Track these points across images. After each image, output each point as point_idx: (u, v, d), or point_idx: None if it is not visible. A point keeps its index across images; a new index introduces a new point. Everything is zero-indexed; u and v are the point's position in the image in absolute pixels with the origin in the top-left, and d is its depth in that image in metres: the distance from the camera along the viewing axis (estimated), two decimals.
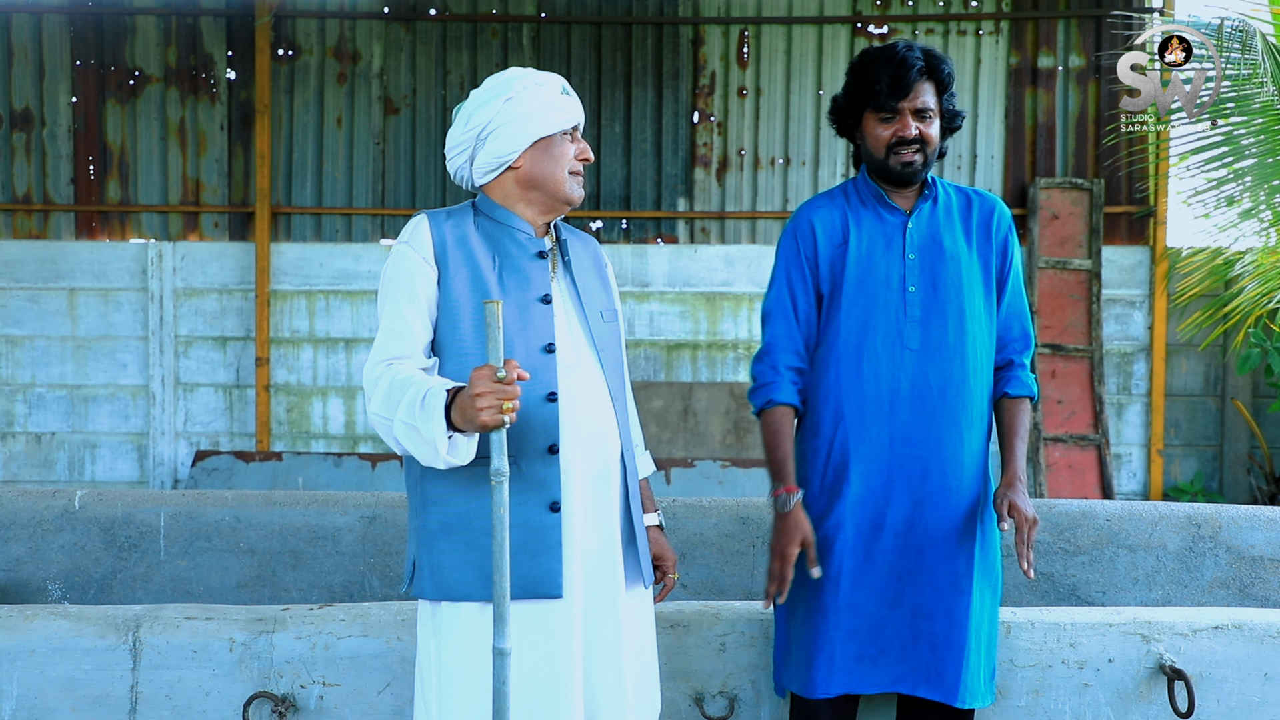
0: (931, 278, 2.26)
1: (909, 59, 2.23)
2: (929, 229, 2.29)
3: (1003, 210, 2.36)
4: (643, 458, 2.22)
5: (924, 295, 2.26)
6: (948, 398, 2.23)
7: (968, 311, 2.26)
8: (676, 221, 7.13)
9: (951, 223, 2.32)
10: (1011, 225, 2.36)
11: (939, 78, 2.26)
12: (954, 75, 2.29)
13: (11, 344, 7.03)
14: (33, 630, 2.38)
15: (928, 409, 2.22)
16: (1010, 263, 2.35)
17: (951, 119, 2.32)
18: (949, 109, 2.30)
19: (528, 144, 2.01)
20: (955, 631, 2.19)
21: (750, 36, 7.07)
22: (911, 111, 2.25)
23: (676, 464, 6.36)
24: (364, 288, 7.00)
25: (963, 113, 2.35)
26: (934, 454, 2.22)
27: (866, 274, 2.27)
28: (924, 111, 2.25)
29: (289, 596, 3.18)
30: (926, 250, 2.28)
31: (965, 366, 2.25)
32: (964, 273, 2.27)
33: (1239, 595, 3.17)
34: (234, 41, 7.06)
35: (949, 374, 2.24)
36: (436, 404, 1.78)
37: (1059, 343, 6.85)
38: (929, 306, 2.25)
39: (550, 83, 2.05)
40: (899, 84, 2.23)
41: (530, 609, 1.90)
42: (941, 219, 2.31)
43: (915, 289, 2.26)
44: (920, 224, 2.30)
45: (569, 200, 2.05)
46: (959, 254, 2.28)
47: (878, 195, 2.31)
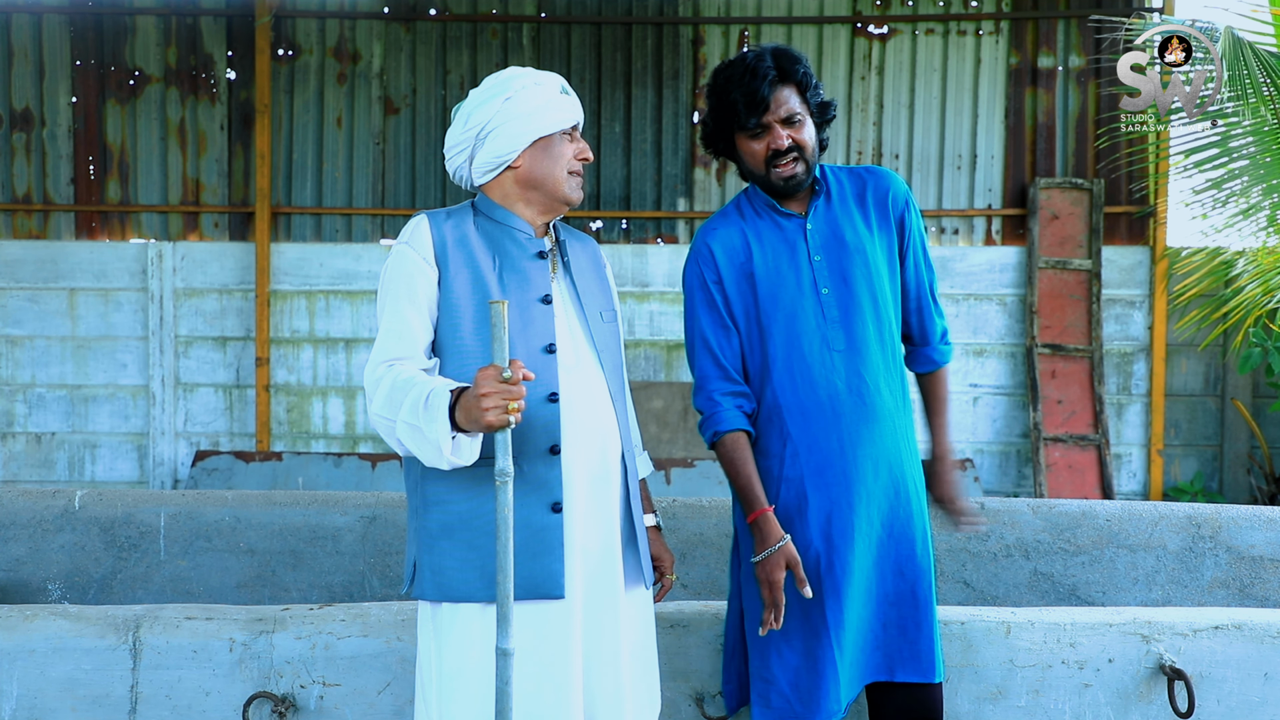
0: (841, 275, 2.25)
1: (759, 70, 2.19)
2: (828, 225, 2.28)
3: (897, 184, 2.33)
4: (641, 458, 2.22)
5: (838, 294, 2.25)
6: (882, 389, 2.24)
7: (880, 300, 2.26)
8: (676, 221, 7.13)
9: (849, 212, 2.30)
10: (909, 196, 2.34)
11: (796, 79, 2.21)
12: (810, 71, 2.25)
13: (11, 344, 7.03)
14: (33, 630, 2.38)
15: (868, 405, 2.22)
16: (911, 236, 2.32)
17: (822, 113, 2.27)
18: (816, 104, 2.25)
19: (527, 144, 2.01)
20: (922, 612, 2.21)
21: (750, 37, 7.07)
22: (778, 122, 2.21)
23: (676, 464, 6.36)
24: (364, 288, 7.00)
25: (832, 103, 2.29)
26: (881, 448, 2.23)
27: (778, 285, 2.25)
28: (791, 118, 2.21)
29: (289, 596, 3.18)
30: (830, 248, 2.26)
31: (891, 354, 2.27)
32: (870, 262, 2.26)
33: (1239, 595, 3.17)
34: (234, 41, 7.06)
35: (879, 366, 2.25)
36: (440, 404, 1.77)
37: (1059, 343, 6.85)
38: (845, 304, 2.24)
39: (549, 82, 2.04)
40: (754, 100, 2.19)
41: (531, 609, 1.90)
42: (839, 211, 2.30)
43: (828, 290, 2.25)
44: (819, 223, 2.28)
45: (568, 200, 2.04)
46: (862, 244, 2.27)
47: (770, 205, 2.30)
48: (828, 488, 2.21)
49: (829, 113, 2.28)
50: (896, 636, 2.21)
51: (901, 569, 2.22)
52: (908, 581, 2.22)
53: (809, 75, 2.24)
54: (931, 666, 2.20)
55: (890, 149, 7.08)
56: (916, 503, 2.26)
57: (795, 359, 2.23)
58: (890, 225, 2.31)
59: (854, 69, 7.07)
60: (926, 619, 2.22)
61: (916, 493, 2.27)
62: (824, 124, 2.28)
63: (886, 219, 2.31)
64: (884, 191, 2.32)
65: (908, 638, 2.21)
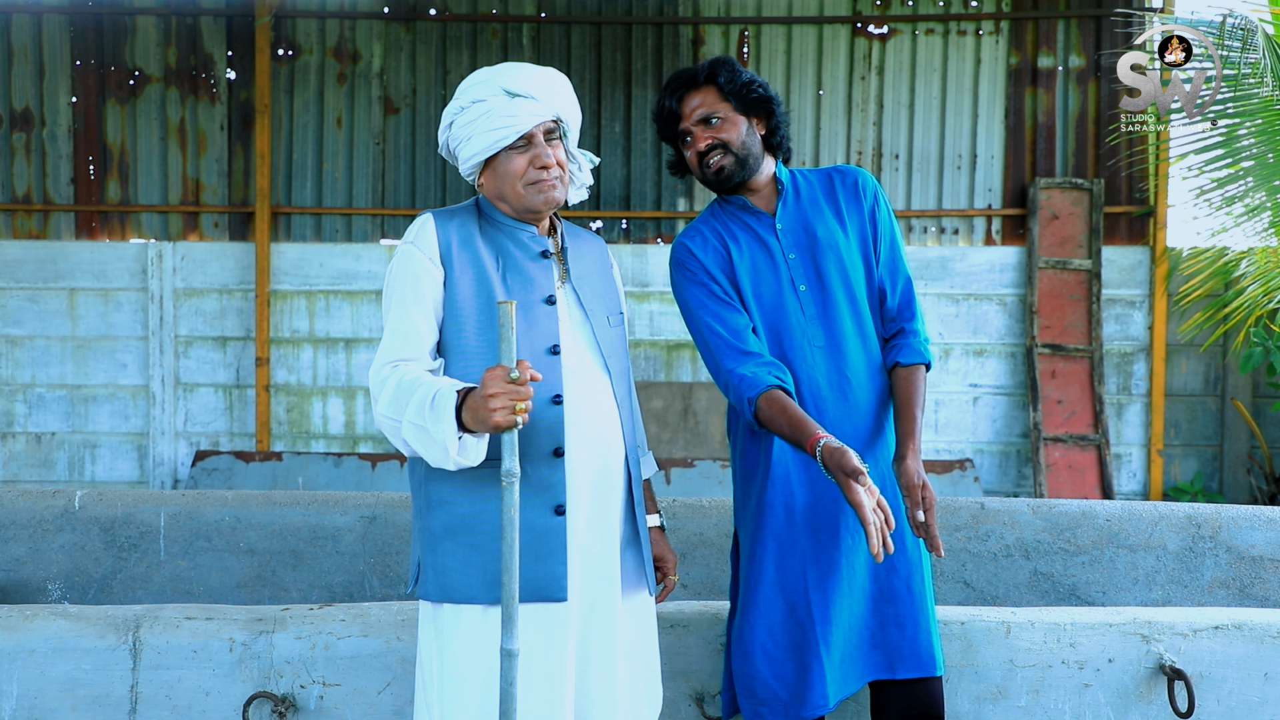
0: (816, 271, 2.27)
1: (668, 86, 2.28)
2: (798, 223, 2.30)
3: (865, 178, 2.36)
4: (646, 459, 2.22)
5: (814, 291, 2.27)
6: (863, 384, 2.25)
7: (857, 294, 2.28)
8: (676, 221, 7.13)
9: (819, 209, 2.32)
10: (878, 189, 2.36)
11: (715, 81, 2.25)
12: (738, 72, 2.26)
13: (11, 344, 7.03)
14: (33, 630, 2.38)
15: (850, 400, 2.24)
16: (880, 228, 2.33)
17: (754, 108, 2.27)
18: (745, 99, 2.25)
19: (478, 166, 2.01)
20: (917, 607, 2.22)
21: (750, 36, 7.07)
22: (695, 125, 2.26)
23: (676, 464, 6.36)
24: (364, 288, 7.00)
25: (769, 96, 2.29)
26: (863, 442, 2.24)
27: (759, 283, 2.28)
28: (708, 118, 2.25)
29: (289, 596, 3.18)
30: (802, 245, 2.29)
31: (869, 348, 2.27)
32: (844, 256, 2.28)
33: (1239, 595, 3.17)
34: (234, 41, 7.06)
35: (859, 360, 2.26)
36: (447, 405, 1.77)
37: (1059, 343, 6.85)
38: (821, 301, 2.26)
39: (491, 95, 1.96)
40: (665, 113, 2.29)
41: (532, 611, 1.90)
42: (808, 208, 2.32)
43: (805, 287, 2.26)
44: (788, 220, 2.31)
45: (533, 209, 1.99)
46: (834, 239, 2.28)
47: (741, 205, 2.32)
48: (812, 483, 2.22)
49: (765, 108, 2.29)
50: (895, 634, 2.21)
51: (894, 564, 2.22)
52: (901, 577, 2.22)
53: (734, 75, 2.26)
54: (931, 660, 2.20)
55: (890, 149, 7.08)
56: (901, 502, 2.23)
57: (778, 355, 2.25)
58: (863, 218, 2.33)
59: (854, 69, 7.07)
60: (923, 613, 2.22)
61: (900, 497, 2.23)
62: (762, 118, 2.30)
63: (858, 212, 2.33)
64: (851, 185, 2.34)
65: (906, 634, 2.21)
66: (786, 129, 2.35)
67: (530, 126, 1.96)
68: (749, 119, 2.28)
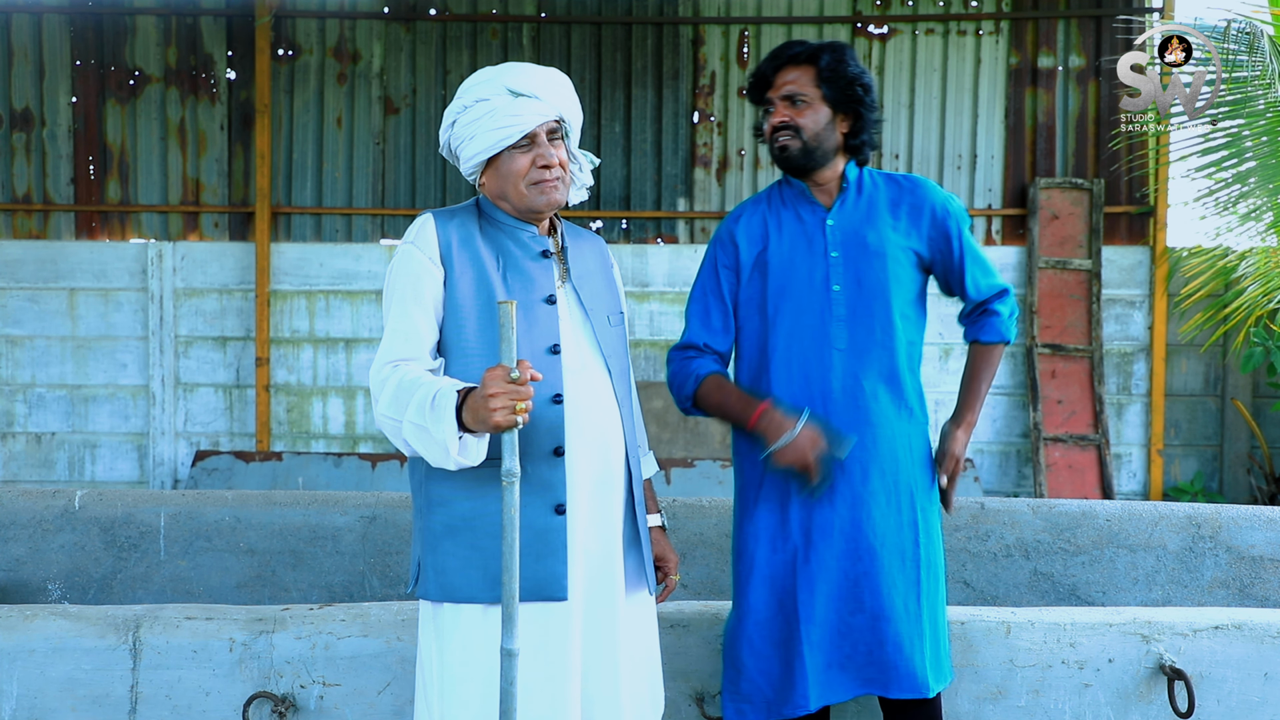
0: (856, 275, 2.24)
1: (776, 51, 2.27)
2: (851, 224, 2.27)
3: (931, 193, 2.31)
4: (646, 459, 2.22)
5: (849, 293, 2.24)
6: (879, 395, 2.23)
7: (895, 306, 2.24)
8: (676, 221, 7.13)
9: (876, 215, 2.28)
10: (947, 204, 2.31)
11: (816, 64, 2.24)
12: (840, 62, 2.24)
13: (11, 344, 7.03)
14: (33, 630, 2.38)
15: (861, 409, 2.21)
16: (955, 244, 2.30)
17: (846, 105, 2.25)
18: (838, 91, 2.24)
19: (480, 165, 2.01)
20: (914, 627, 2.19)
21: (750, 36, 7.07)
22: (779, 99, 2.26)
23: (676, 464, 6.36)
24: (364, 288, 7.00)
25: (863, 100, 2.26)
26: (871, 453, 2.21)
27: (789, 276, 2.26)
28: (793, 98, 2.24)
29: (289, 596, 3.18)
30: (850, 246, 2.26)
31: (895, 362, 2.24)
32: (890, 267, 2.24)
33: (1239, 595, 3.17)
34: (234, 41, 7.06)
35: (879, 371, 2.23)
36: (447, 405, 1.77)
37: (1059, 343, 6.85)
38: (855, 304, 2.24)
39: (495, 94, 1.97)
40: (760, 78, 2.29)
41: (533, 611, 1.90)
42: (865, 212, 2.29)
43: (840, 287, 2.24)
44: (841, 220, 2.28)
45: (535, 209, 2.00)
46: (884, 248, 2.25)
47: (800, 192, 2.31)
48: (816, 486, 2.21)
49: (855, 109, 2.26)
50: (893, 653, 2.18)
51: (893, 582, 2.19)
52: (900, 597, 2.19)
53: (838, 65, 2.23)
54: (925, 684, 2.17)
55: (890, 149, 7.08)
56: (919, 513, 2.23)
57: (795, 353, 2.24)
58: (923, 234, 2.29)
59: None
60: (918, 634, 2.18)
61: (915, 504, 2.23)
62: (848, 116, 2.27)
63: (919, 226, 2.29)
64: (920, 200, 2.30)
65: (903, 654, 2.18)
66: (872, 135, 2.30)
67: (533, 126, 1.96)
68: (835, 113, 2.26)
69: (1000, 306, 2.35)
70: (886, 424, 2.22)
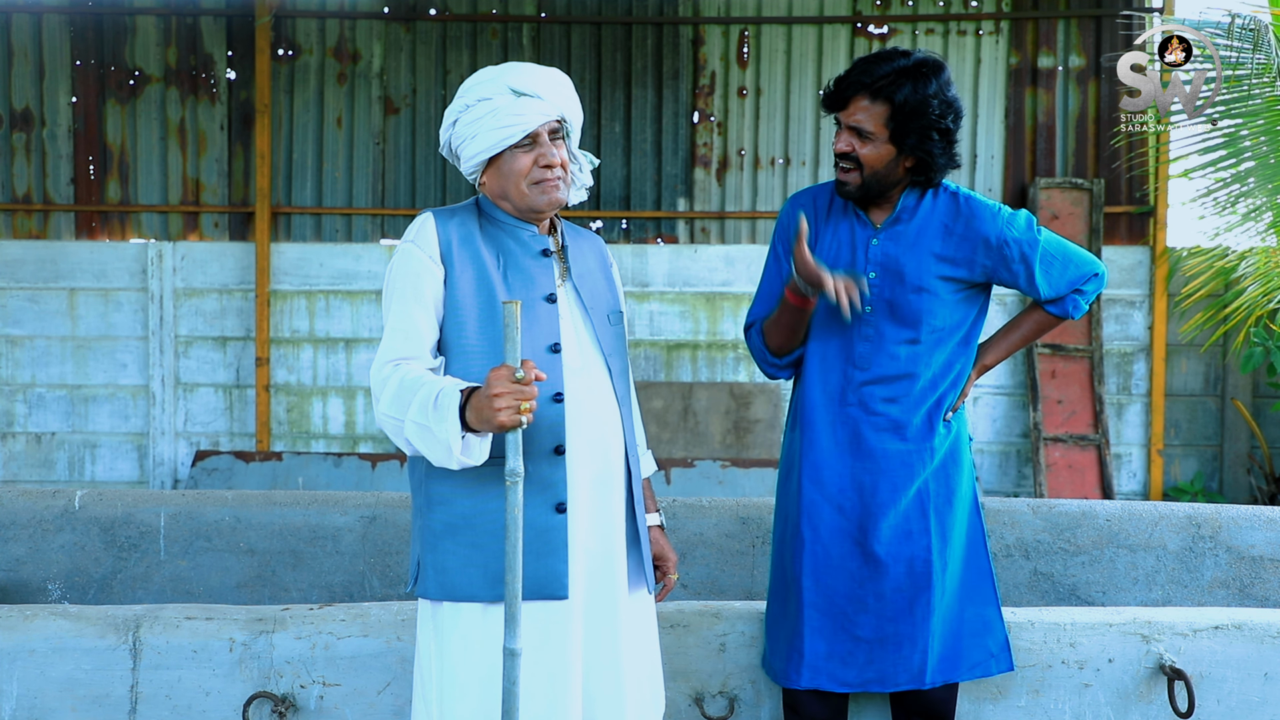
0: (890, 301, 2.23)
1: (854, 69, 2.16)
2: (895, 249, 2.24)
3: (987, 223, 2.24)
4: (645, 458, 2.22)
5: (879, 317, 2.23)
6: (894, 417, 2.24)
7: (925, 337, 2.23)
8: (676, 221, 7.13)
9: (924, 243, 2.24)
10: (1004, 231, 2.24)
11: (890, 97, 2.12)
12: (922, 102, 2.11)
13: (11, 344, 7.03)
14: (33, 630, 2.38)
15: (873, 426, 2.23)
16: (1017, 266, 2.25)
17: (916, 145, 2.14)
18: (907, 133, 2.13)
19: (481, 165, 2.00)
20: (919, 628, 2.22)
21: (750, 36, 7.07)
22: (846, 127, 2.18)
23: (676, 464, 6.36)
24: (364, 288, 7.00)
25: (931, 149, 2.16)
26: (881, 468, 2.24)
27: None
28: (860, 130, 2.16)
29: (289, 596, 3.18)
30: (888, 272, 2.24)
31: (914, 387, 2.24)
32: (926, 300, 2.21)
33: (1239, 595, 3.17)
34: (234, 41, 7.06)
35: (897, 395, 2.24)
36: (450, 404, 1.77)
37: (1059, 343, 6.85)
38: (883, 329, 2.24)
39: (498, 94, 1.96)
40: (832, 95, 2.19)
41: (534, 610, 1.90)
42: (913, 238, 2.24)
43: (872, 309, 2.23)
44: (887, 244, 2.25)
45: (536, 209, 1.99)
46: (922, 280, 2.21)
47: (854, 208, 2.29)
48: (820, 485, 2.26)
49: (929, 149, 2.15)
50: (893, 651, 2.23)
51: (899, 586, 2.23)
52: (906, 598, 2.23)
53: (917, 107, 2.11)
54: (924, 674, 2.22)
55: None
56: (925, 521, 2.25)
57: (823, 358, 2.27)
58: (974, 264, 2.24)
59: None
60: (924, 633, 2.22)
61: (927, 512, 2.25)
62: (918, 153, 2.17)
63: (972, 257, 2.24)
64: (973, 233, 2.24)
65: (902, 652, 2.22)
66: (939, 174, 2.22)
67: (536, 125, 1.96)
68: (900, 153, 2.17)
69: (1086, 287, 2.30)
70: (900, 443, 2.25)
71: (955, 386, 2.29)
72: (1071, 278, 2.29)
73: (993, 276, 2.28)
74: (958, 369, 2.29)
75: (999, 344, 2.39)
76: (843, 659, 2.23)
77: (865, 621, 2.23)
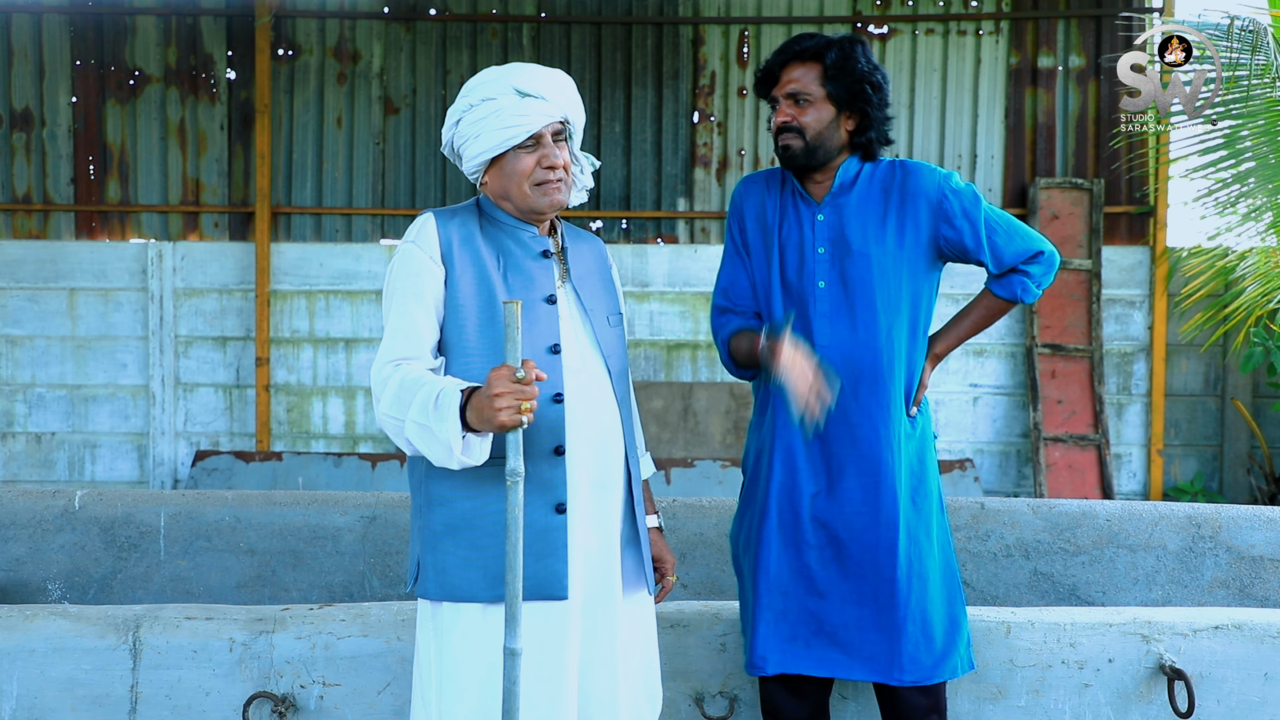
0: (840, 273, 2.24)
1: (784, 46, 2.24)
2: (840, 221, 2.26)
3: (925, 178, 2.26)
4: (644, 459, 2.22)
5: (832, 291, 2.24)
6: (860, 394, 2.23)
7: (880, 305, 2.23)
8: (676, 221, 7.13)
9: (868, 211, 2.26)
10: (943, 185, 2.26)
11: (822, 60, 2.19)
12: (848, 59, 2.19)
13: (11, 344, 7.03)
14: (33, 630, 2.38)
15: (839, 405, 2.21)
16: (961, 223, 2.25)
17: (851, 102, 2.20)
18: (843, 90, 2.19)
19: (483, 165, 2.00)
20: (883, 615, 2.20)
21: (750, 36, 7.07)
22: (783, 97, 2.24)
23: (676, 464, 6.36)
24: (364, 288, 7.00)
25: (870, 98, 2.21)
26: (849, 449, 2.23)
27: (786, 261, 2.28)
28: (796, 96, 2.21)
29: (289, 596, 3.18)
30: (837, 244, 2.25)
31: (878, 361, 2.23)
32: (875, 265, 2.22)
33: (1239, 595, 3.17)
34: (234, 41, 7.06)
35: (859, 370, 2.23)
36: (451, 404, 1.77)
37: (1059, 343, 6.85)
38: (837, 303, 2.24)
39: (502, 94, 1.97)
40: (767, 73, 2.26)
41: (533, 610, 1.90)
42: (856, 208, 2.26)
43: (825, 284, 2.25)
44: (832, 216, 2.27)
45: (538, 210, 1.99)
46: (868, 248, 2.23)
47: (794, 188, 2.30)
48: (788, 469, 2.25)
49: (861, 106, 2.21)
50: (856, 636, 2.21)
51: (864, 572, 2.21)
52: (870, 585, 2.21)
53: (845, 63, 2.19)
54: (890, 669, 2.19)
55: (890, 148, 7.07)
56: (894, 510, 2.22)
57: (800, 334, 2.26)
58: (920, 226, 2.25)
59: None
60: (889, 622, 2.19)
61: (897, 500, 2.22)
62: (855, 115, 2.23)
63: (914, 214, 2.25)
64: (910, 186, 2.26)
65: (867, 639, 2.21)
66: (880, 131, 2.26)
67: (540, 126, 1.96)
68: (839, 111, 2.23)
69: (1033, 268, 2.29)
70: (865, 424, 2.23)
71: (913, 373, 2.28)
72: (1017, 249, 2.27)
73: (936, 238, 2.26)
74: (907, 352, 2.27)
75: (949, 333, 2.41)
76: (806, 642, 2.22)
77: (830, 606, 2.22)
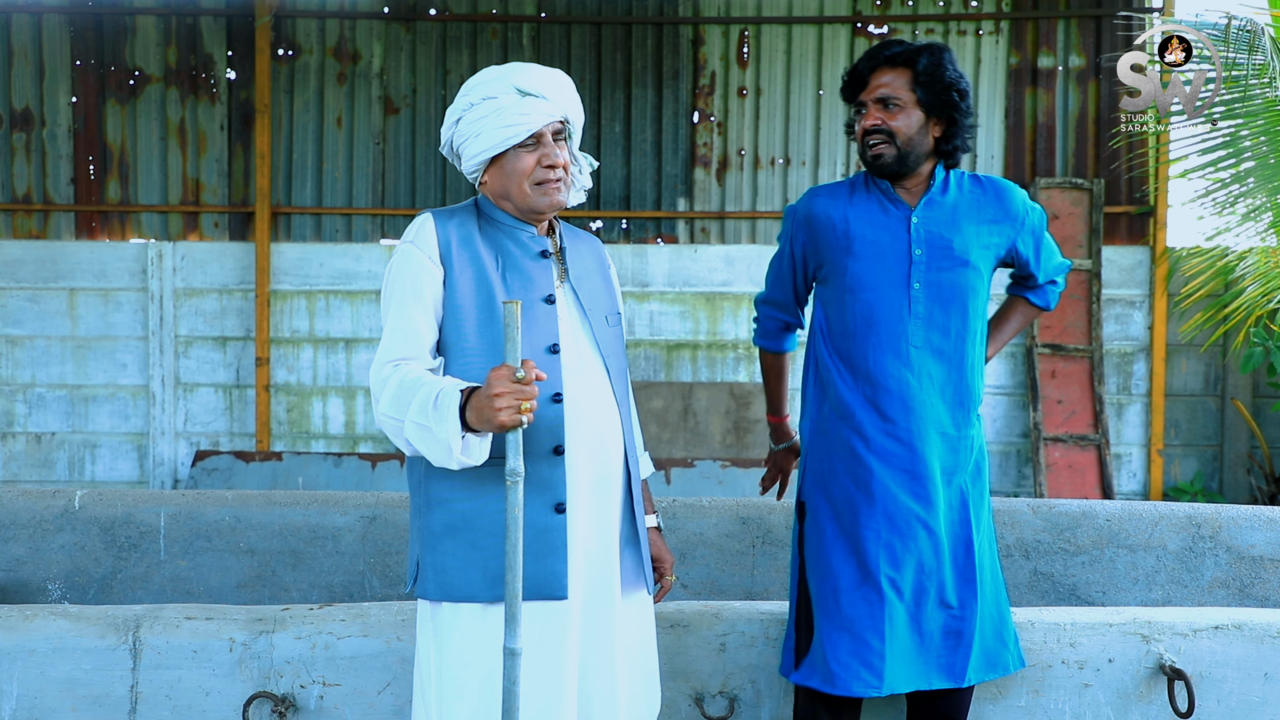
0: (937, 276, 2.25)
1: (873, 51, 2.24)
2: (936, 225, 2.26)
3: (1018, 203, 2.33)
4: (643, 459, 2.22)
5: (928, 293, 2.24)
6: (948, 396, 2.24)
7: (971, 310, 2.26)
8: (676, 221, 7.13)
9: (961, 219, 2.28)
10: (1029, 213, 2.35)
11: (912, 66, 2.20)
12: (938, 66, 2.20)
13: (11, 344, 7.03)
14: (33, 630, 2.38)
15: (930, 406, 2.23)
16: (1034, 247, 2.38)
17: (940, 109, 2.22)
18: (933, 96, 2.21)
19: (483, 164, 2.00)
20: (968, 624, 2.23)
21: (750, 36, 7.07)
22: (872, 102, 2.23)
23: (676, 464, 6.36)
24: (364, 288, 7.00)
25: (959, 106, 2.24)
26: (934, 450, 2.24)
27: (870, 269, 2.26)
28: (887, 101, 2.21)
29: (289, 596, 3.18)
30: (934, 247, 2.25)
31: (964, 364, 2.26)
32: (970, 272, 2.26)
33: (1239, 595, 3.17)
34: (234, 41, 7.06)
35: (949, 371, 2.24)
36: (450, 404, 1.77)
37: (1059, 343, 6.85)
38: (933, 304, 2.24)
39: (503, 93, 1.97)
40: (855, 77, 2.27)
41: (532, 610, 1.90)
42: (948, 214, 2.28)
43: (920, 285, 2.24)
44: (927, 219, 2.27)
45: (538, 210, 1.99)
46: (969, 255, 2.26)
47: (885, 190, 2.29)
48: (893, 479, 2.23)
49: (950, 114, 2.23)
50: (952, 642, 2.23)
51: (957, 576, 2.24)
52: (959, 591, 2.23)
53: (936, 69, 2.20)
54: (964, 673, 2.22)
55: None
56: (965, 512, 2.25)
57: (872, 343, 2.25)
58: (1005, 242, 2.33)
59: None
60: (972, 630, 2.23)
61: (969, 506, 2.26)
62: (943, 121, 2.24)
63: (1000, 231, 2.31)
64: (1003, 203, 2.32)
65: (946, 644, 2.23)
66: (964, 140, 2.28)
67: (540, 125, 1.96)
68: (929, 117, 2.23)
69: (1060, 278, 2.49)
70: (952, 426, 2.25)
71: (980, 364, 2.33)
72: (1056, 264, 2.46)
73: (1010, 251, 2.37)
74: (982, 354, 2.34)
75: (994, 338, 2.51)
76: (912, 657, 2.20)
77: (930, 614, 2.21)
